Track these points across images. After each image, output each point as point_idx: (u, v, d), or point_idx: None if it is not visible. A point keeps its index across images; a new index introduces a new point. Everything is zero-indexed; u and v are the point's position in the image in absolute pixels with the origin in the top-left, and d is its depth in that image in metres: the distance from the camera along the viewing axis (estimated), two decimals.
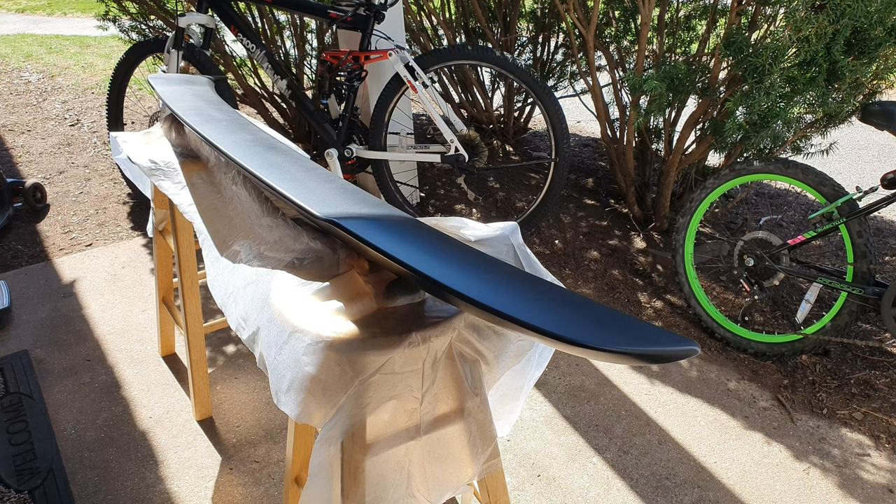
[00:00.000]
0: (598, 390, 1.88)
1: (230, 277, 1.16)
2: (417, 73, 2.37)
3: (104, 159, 3.44)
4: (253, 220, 0.98)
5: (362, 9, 2.34)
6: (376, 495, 0.93)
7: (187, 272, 1.58)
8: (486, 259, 0.89)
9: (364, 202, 0.97)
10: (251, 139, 1.13)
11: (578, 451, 1.67)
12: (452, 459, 0.99)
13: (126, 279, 2.40)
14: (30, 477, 1.56)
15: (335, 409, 0.85)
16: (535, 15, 3.32)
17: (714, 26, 2.48)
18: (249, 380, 1.91)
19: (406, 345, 0.84)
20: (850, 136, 3.88)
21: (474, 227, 1.08)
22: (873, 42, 1.95)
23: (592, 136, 3.93)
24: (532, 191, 3.11)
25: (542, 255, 2.60)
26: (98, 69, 4.93)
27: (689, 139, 2.55)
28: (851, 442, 1.71)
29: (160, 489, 1.55)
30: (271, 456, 1.65)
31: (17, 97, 4.30)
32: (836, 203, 1.84)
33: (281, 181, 0.89)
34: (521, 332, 0.66)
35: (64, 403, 1.81)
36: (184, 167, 1.21)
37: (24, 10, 8.25)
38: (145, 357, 1.99)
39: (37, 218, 2.85)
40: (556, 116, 2.38)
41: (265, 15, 3.12)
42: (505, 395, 1.12)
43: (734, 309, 2.24)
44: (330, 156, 2.49)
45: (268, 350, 0.94)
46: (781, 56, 1.95)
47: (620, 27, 2.69)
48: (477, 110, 3.58)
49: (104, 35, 3.58)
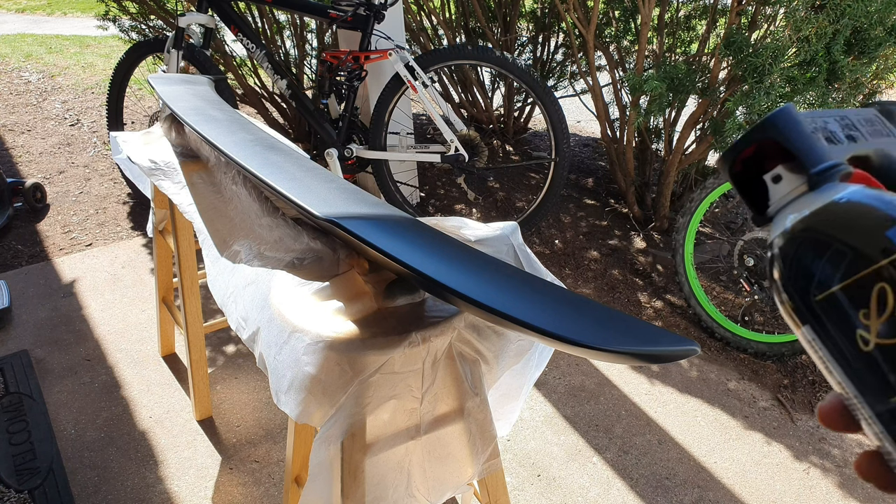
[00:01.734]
0: (598, 390, 1.88)
1: (230, 277, 1.16)
2: (417, 72, 2.36)
3: (104, 159, 3.44)
4: (253, 219, 0.98)
5: (362, 8, 2.34)
6: (376, 495, 0.93)
7: (187, 272, 1.58)
8: (486, 259, 0.89)
9: (364, 202, 0.97)
10: (251, 139, 1.13)
11: (578, 451, 1.67)
12: (452, 459, 0.99)
13: (126, 279, 2.40)
14: (30, 477, 1.56)
15: (335, 408, 0.85)
16: (535, 15, 3.32)
17: (714, 26, 2.48)
18: (249, 380, 1.91)
19: (406, 345, 0.84)
20: None
21: (474, 227, 1.08)
22: (873, 42, 1.95)
23: (592, 136, 3.93)
24: (532, 190, 3.11)
25: (543, 255, 2.60)
26: (98, 69, 4.93)
27: (689, 139, 2.55)
28: (851, 442, 1.71)
29: (160, 489, 1.55)
30: (271, 456, 1.65)
31: (17, 97, 4.30)
32: None
33: (281, 181, 0.89)
34: (521, 331, 0.66)
35: (64, 403, 1.81)
36: (184, 167, 1.21)
37: (24, 10, 8.25)
38: (145, 357, 1.99)
39: (37, 218, 2.85)
40: (556, 116, 2.38)
41: (265, 15, 3.12)
42: (505, 395, 1.12)
43: (734, 309, 2.24)
44: (330, 155, 2.49)
45: (268, 350, 0.94)
46: (781, 56, 1.95)
47: (620, 27, 2.69)
48: (477, 110, 3.58)
49: (104, 35, 3.57)
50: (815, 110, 0.36)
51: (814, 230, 0.28)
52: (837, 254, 0.27)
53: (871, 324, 0.25)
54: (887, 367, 0.25)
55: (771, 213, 0.32)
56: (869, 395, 0.26)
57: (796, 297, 0.28)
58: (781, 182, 0.31)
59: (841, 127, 0.34)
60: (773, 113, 0.32)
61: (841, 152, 0.33)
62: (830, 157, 0.31)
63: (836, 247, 0.27)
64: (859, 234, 0.27)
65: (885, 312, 0.25)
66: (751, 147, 0.33)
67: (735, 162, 0.33)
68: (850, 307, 0.26)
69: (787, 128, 0.32)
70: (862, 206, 0.28)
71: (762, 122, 0.32)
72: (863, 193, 0.28)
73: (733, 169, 0.34)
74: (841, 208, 0.28)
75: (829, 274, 0.27)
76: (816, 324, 0.27)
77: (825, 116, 0.34)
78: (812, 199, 0.29)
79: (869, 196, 0.28)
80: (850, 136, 0.34)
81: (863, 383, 0.26)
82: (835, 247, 0.27)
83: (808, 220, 0.29)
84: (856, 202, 0.28)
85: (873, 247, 0.26)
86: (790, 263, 0.28)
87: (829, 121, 0.34)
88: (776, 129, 0.32)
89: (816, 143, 0.31)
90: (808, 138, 0.31)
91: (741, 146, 0.33)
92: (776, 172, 0.32)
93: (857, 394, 0.26)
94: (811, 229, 0.28)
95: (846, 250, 0.26)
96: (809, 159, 0.31)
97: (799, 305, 0.28)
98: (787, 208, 0.31)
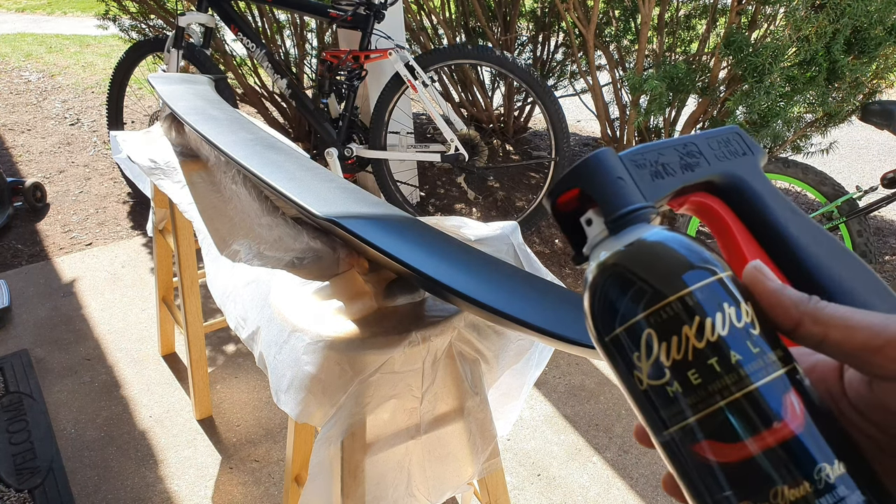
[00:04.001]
0: (598, 389, 1.88)
1: (230, 276, 1.16)
2: (417, 72, 2.36)
3: (104, 158, 3.44)
4: (253, 219, 0.98)
5: (362, 8, 2.34)
6: (376, 494, 0.94)
7: (187, 271, 1.58)
8: (486, 258, 0.89)
9: (364, 201, 0.97)
10: (251, 138, 1.13)
11: (578, 451, 1.67)
12: (452, 459, 0.99)
13: (126, 278, 2.40)
14: (30, 476, 1.56)
15: (335, 408, 0.85)
16: (535, 14, 3.32)
17: (714, 25, 2.48)
18: (249, 379, 1.91)
19: (406, 344, 0.84)
20: (850, 135, 3.88)
21: (474, 227, 1.08)
22: (873, 41, 1.95)
23: (592, 136, 3.93)
24: (532, 190, 3.11)
25: (543, 255, 2.60)
26: (98, 68, 4.93)
27: None
28: None
29: (160, 488, 1.55)
30: (271, 455, 1.65)
31: (17, 96, 4.30)
32: (836, 202, 1.84)
33: (281, 180, 0.89)
34: (521, 331, 0.66)
35: (64, 403, 1.81)
36: (184, 166, 1.21)
37: (24, 10, 8.24)
38: (145, 356, 1.99)
39: (37, 217, 2.85)
40: (556, 116, 2.37)
41: (265, 14, 3.12)
42: (505, 395, 1.12)
43: None
44: (330, 155, 2.49)
45: (267, 349, 0.94)
46: (781, 55, 1.95)
47: (620, 26, 2.69)
48: (477, 109, 3.58)
49: (104, 34, 3.57)
50: (659, 141, 0.36)
51: (603, 274, 0.30)
52: (615, 301, 0.29)
53: (643, 365, 0.28)
54: (659, 403, 0.28)
55: (585, 252, 0.33)
56: (651, 426, 0.29)
57: (593, 333, 0.31)
58: (593, 224, 0.33)
59: (680, 156, 0.36)
60: (584, 159, 0.34)
61: (668, 185, 0.35)
62: (634, 200, 0.32)
63: (617, 292, 0.29)
64: (636, 282, 0.29)
65: (650, 357, 0.28)
66: (567, 192, 0.34)
67: (556, 204, 0.34)
68: (630, 348, 0.29)
69: (593, 175, 0.33)
70: (644, 252, 0.30)
71: (574, 168, 0.34)
72: (653, 237, 0.30)
73: (556, 209, 0.35)
74: (624, 255, 0.30)
75: (610, 319, 0.29)
76: (610, 358, 0.30)
77: (662, 149, 0.36)
78: (611, 243, 0.31)
79: (658, 239, 0.30)
80: (686, 165, 0.36)
81: (645, 415, 0.29)
82: (615, 292, 0.29)
83: (602, 264, 0.31)
84: (638, 249, 0.30)
85: (644, 295, 0.28)
86: (588, 302, 0.31)
87: (665, 153, 0.35)
88: (581, 177, 0.33)
89: (620, 189, 0.33)
90: (612, 185, 0.33)
91: (559, 190, 0.34)
92: (588, 216, 0.33)
93: (644, 423, 0.29)
94: (602, 272, 0.30)
95: (621, 297, 0.29)
96: (608, 206, 0.32)
97: (597, 340, 0.31)
98: (596, 249, 0.32)
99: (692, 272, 0.28)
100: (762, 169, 0.38)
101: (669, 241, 0.30)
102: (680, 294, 0.28)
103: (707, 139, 0.37)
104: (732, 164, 0.37)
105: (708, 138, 0.37)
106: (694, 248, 0.29)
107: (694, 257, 0.29)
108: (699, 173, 0.36)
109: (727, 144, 0.38)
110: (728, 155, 0.37)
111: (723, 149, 0.37)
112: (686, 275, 0.28)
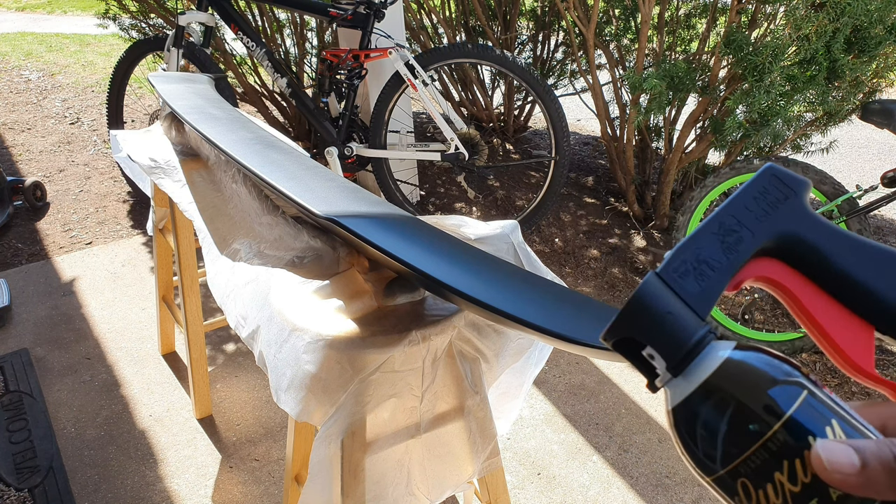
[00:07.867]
0: (598, 388, 1.88)
1: (230, 275, 1.16)
2: (417, 71, 2.36)
3: (104, 157, 3.44)
4: (253, 218, 0.98)
5: (362, 7, 2.34)
6: (376, 493, 0.94)
7: (187, 270, 1.58)
8: (486, 257, 0.89)
9: (364, 200, 0.97)
10: (251, 137, 1.13)
11: (578, 450, 1.67)
12: (452, 457, 0.99)
13: (126, 277, 2.40)
14: (30, 475, 1.57)
15: (335, 407, 0.85)
16: (535, 13, 3.32)
17: (714, 25, 2.48)
18: (249, 378, 1.91)
19: (406, 343, 0.84)
20: (850, 134, 3.87)
21: (474, 226, 1.08)
22: (873, 40, 1.95)
23: (592, 135, 3.93)
24: (532, 189, 3.11)
25: (543, 254, 2.60)
26: (98, 67, 4.92)
27: (689, 137, 2.55)
28: None
29: (160, 487, 1.55)
30: (271, 454, 1.65)
31: (17, 95, 4.30)
32: (836, 201, 1.84)
33: (281, 179, 0.89)
34: (521, 329, 0.66)
35: (64, 402, 1.81)
36: (184, 165, 1.21)
37: (25, 8, 8.24)
38: (145, 355, 1.99)
39: (37, 216, 2.85)
40: (556, 115, 2.37)
41: (265, 13, 3.12)
42: (505, 393, 1.12)
43: (734, 307, 2.24)
44: (330, 154, 2.49)
45: (267, 348, 0.94)
46: (781, 54, 1.95)
47: (620, 25, 2.69)
48: (477, 108, 3.58)
49: (104, 33, 3.57)
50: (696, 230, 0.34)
51: (688, 419, 0.31)
52: (709, 444, 0.30)
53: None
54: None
55: (659, 386, 0.33)
56: None
57: (692, 468, 0.32)
58: (656, 359, 0.32)
59: (720, 240, 0.34)
60: (631, 301, 0.32)
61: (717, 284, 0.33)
62: (688, 333, 0.32)
63: (705, 435, 0.30)
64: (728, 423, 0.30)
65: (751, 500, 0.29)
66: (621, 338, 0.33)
67: (616, 344, 0.34)
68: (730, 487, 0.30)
69: (641, 320, 0.32)
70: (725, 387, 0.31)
71: (623, 314, 0.32)
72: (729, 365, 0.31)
73: (618, 348, 0.34)
74: (702, 397, 0.31)
75: (710, 458, 0.30)
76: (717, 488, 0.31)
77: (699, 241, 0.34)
78: (681, 385, 0.31)
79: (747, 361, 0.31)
80: (728, 248, 0.34)
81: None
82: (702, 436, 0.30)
83: (680, 407, 0.31)
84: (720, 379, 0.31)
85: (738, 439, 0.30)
86: (681, 442, 0.31)
87: (703, 245, 0.34)
88: (632, 326, 0.32)
89: (670, 328, 0.32)
90: (661, 326, 0.32)
91: (612, 337, 0.33)
92: (648, 352, 0.32)
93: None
94: (687, 416, 0.31)
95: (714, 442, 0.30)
96: (665, 352, 0.32)
97: (695, 472, 0.32)
98: (668, 389, 0.32)
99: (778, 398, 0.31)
100: (808, 204, 0.35)
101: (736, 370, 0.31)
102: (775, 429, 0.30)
103: (743, 201, 0.35)
104: (776, 220, 0.34)
105: (744, 199, 0.35)
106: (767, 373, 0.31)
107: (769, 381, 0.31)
108: (744, 251, 0.34)
109: (765, 195, 0.35)
110: (768, 209, 0.34)
111: (762, 205, 0.35)
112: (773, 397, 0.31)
